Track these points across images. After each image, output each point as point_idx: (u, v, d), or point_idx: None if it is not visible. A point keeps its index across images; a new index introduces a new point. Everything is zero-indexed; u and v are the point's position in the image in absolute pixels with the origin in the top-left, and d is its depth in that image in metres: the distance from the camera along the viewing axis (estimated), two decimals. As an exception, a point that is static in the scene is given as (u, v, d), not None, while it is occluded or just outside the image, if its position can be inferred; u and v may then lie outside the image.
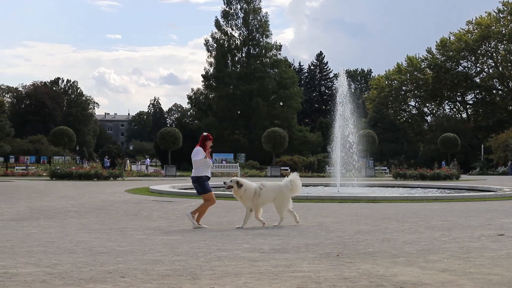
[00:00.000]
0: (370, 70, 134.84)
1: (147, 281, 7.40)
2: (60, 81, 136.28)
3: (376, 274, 7.86)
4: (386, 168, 69.04)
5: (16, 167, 63.06)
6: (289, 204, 14.48)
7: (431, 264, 8.70)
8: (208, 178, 14.32)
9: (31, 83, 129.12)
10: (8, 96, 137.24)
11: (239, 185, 14.00)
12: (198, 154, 14.17)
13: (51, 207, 19.99)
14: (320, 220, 15.74)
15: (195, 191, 14.84)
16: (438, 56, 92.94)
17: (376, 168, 63.29)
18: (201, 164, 14.15)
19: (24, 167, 63.74)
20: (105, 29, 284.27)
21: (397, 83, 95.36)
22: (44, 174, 49.54)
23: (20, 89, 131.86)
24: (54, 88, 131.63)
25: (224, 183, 14.50)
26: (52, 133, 58.76)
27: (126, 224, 14.40)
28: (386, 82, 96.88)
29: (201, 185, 14.21)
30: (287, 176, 14.90)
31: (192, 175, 14.40)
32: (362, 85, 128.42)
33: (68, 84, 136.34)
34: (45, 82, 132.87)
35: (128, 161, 74.76)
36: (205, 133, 14.80)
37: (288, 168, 62.05)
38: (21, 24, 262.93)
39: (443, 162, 62.10)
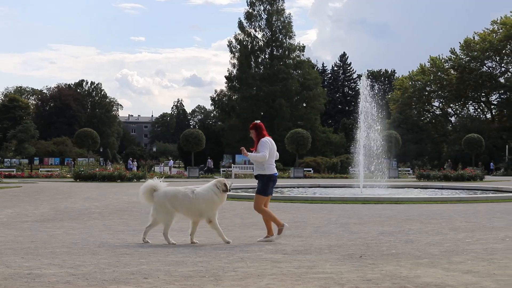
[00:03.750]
0: (394, 70, 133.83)
1: (170, 282, 7.41)
2: (84, 83, 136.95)
3: (399, 275, 7.83)
4: (409, 169, 68.72)
5: (40, 169, 63.59)
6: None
7: (454, 265, 8.64)
8: None
9: (55, 85, 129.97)
10: (33, 98, 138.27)
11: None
12: None
13: (75, 208, 20.12)
14: (343, 221, 15.72)
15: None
16: (462, 56, 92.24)
17: (399, 169, 62.99)
18: None
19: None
20: (129, 32, 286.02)
21: (421, 84, 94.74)
22: (68, 175, 49.84)
23: (45, 91, 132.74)
24: (78, 90, 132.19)
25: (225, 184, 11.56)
26: (76, 135, 59.07)
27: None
28: (410, 83, 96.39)
29: None
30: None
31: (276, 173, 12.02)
32: (386, 86, 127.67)
33: (92, 86, 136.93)
34: (69, 84, 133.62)
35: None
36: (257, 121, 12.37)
37: (311, 169, 61.93)
38: (47, 27, 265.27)
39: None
